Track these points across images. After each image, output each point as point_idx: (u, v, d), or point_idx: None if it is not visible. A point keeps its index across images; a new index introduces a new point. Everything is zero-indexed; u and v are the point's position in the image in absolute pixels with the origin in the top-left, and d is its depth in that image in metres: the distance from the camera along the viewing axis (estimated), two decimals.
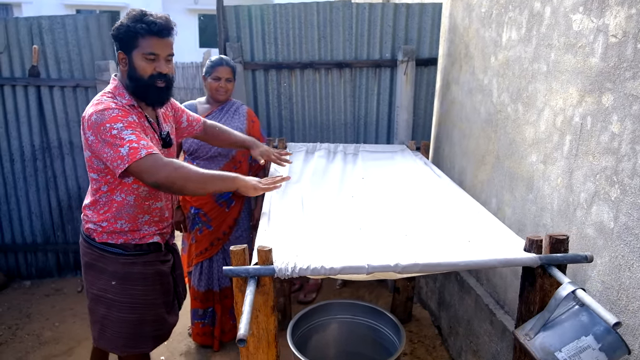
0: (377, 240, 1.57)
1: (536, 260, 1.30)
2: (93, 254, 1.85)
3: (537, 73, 1.97)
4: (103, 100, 1.72)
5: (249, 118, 2.81)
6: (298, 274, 1.25)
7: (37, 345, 2.93)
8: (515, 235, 1.55)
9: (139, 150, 1.60)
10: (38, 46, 3.26)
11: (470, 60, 2.69)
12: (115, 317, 1.88)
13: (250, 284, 1.23)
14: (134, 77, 1.76)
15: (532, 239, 1.34)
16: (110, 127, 1.64)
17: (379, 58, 3.17)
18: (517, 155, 2.15)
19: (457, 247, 1.48)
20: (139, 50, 1.73)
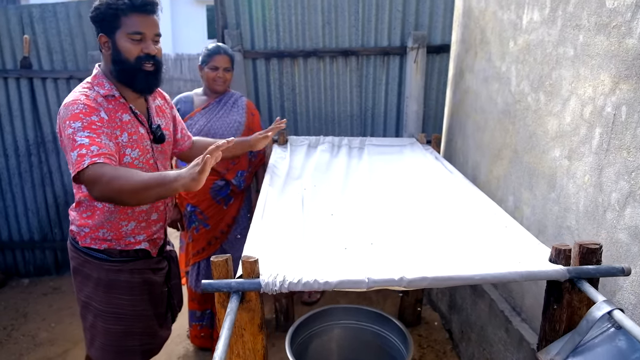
0: (381, 246, 1.40)
1: (564, 274, 1.12)
2: (78, 258, 1.71)
3: (563, 58, 1.77)
4: (77, 92, 1.57)
5: (248, 111, 2.64)
6: (288, 288, 1.09)
7: (31, 347, 2.83)
8: (537, 241, 1.37)
9: (84, 159, 1.39)
10: (29, 36, 3.12)
11: (486, 46, 2.49)
12: (101, 328, 1.74)
13: (232, 300, 1.07)
14: (118, 61, 1.59)
15: (560, 248, 1.16)
16: (68, 125, 1.47)
17: (387, 45, 2.97)
18: (538, 150, 1.96)
19: (472, 256, 1.31)
20: (122, 30, 1.56)
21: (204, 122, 2.49)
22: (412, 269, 1.13)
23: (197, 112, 2.52)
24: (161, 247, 1.87)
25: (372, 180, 2.13)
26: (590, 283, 1.15)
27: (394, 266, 1.22)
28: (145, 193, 1.38)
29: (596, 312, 1.03)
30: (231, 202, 2.65)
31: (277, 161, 2.29)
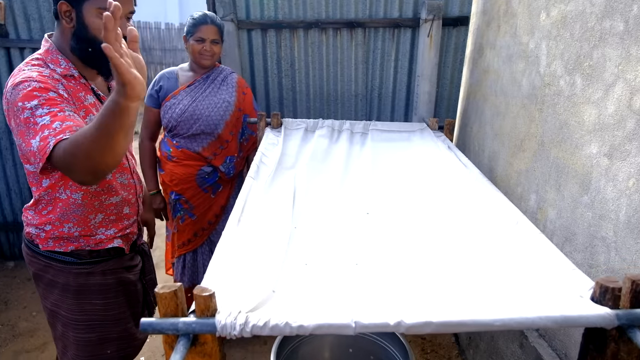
0: (376, 269, 1.14)
1: (612, 320, 0.86)
2: (39, 263, 1.48)
3: (608, 34, 1.46)
4: (25, 69, 1.30)
5: (239, 89, 2.37)
6: (250, 332, 0.84)
7: (10, 338, 2.66)
8: (572, 266, 1.10)
9: (48, 141, 1.14)
10: (4, 2, 2.84)
11: (511, 19, 2.16)
12: (73, 338, 1.54)
13: (179, 343, 0.83)
14: (84, 38, 1.34)
15: (606, 285, 0.89)
16: (22, 107, 1.21)
17: (398, 16, 2.65)
18: (570, 143, 1.66)
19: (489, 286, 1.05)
20: (92, 3, 1.30)
21: (188, 101, 2.22)
22: (412, 308, 0.88)
23: (182, 89, 2.25)
24: (134, 242, 1.66)
25: (373, 175, 1.86)
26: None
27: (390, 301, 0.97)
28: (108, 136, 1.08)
29: None
30: (219, 190, 2.41)
31: (268, 148, 2.02)
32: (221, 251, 1.15)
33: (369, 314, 0.86)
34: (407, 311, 0.87)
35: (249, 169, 1.76)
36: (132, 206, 1.61)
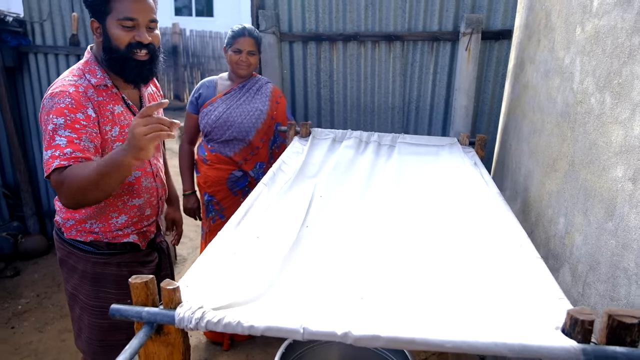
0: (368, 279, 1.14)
1: (578, 355, 0.80)
2: (64, 249, 1.63)
3: (637, 50, 1.36)
4: (67, 80, 1.45)
5: (272, 98, 2.45)
6: (205, 327, 0.88)
7: (57, 318, 2.91)
8: (562, 296, 1.04)
9: (53, 162, 1.29)
10: (77, 14, 3.15)
11: (550, 33, 2.06)
12: (87, 321, 1.67)
13: (140, 333, 0.89)
14: (108, 49, 1.47)
15: (576, 317, 0.83)
16: (51, 119, 1.36)
17: (437, 30, 2.61)
18: (597, 165, 1.56)
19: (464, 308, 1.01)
20: (113, 16, 1.43)
21: (223, 108, 2.34)
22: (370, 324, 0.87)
23: (218, 97, 2.37)
24: (152, 239, 1.77)
25: (394, 188, 1.84)
26: None
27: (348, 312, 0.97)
28: (103, 181, 1.26)
29: None
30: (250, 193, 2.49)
31: (290, 156, 2.07)
32: (210, 251, 1.21)
33: (320, 322, 0.87)
34: (358, 323, 0.86)
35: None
36: (153, 208, 1.72)
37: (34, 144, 3.61)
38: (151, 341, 0.96)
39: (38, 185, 3.71)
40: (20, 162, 3.64)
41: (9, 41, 3.41)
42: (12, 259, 3.59)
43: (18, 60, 3.45)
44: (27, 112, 3.55)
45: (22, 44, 3.43)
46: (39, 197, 3.73)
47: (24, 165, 3.64)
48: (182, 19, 15.00)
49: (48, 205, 3.72)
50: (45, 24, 3.26)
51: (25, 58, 3.42)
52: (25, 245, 3.65)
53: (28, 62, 3.42)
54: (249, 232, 1.36)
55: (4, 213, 3.85)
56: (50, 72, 3.36)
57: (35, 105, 3.49)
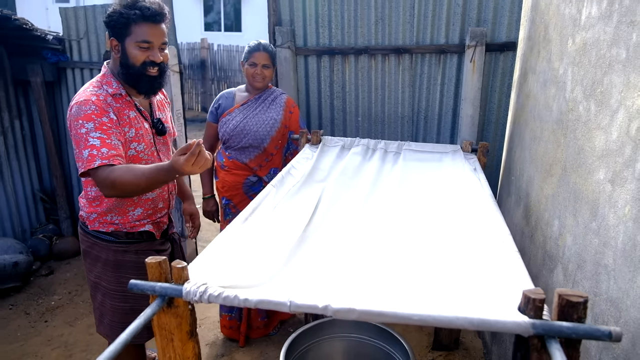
0: (361, 266, 1.27)
1: (527, 328, 0.91)
2: (88, 241, 1.84)
3: (615, 61, 1.46)
4: (88, 91, 1.67)
5: (286, 108, 2.61)
6: (207, 300, 1.03)
7: (86, 313, 3.12)
8: (530, 283, 1.15)
9: (94, 160, 1.54)
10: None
11: (548, 45, 2.16)
12: (109, 306, 1.86)
13: (152, 304, 1.04)
14: (125, 65, 1.70)
15: (529, 295, 0.94)
16: (81, 124, 1.59)
17: (444, 43, 2.73)
18: (584, 169, 1.64)
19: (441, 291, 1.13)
20: (132, 37, 1.66)
21: (240, 118, 2.51)
22: (348, 299, 1.00)
23: (236, 108, 2.55)
24: (165, 230, 1.97)
25: (398, 192, 1.96)
26: (570, 345, 0.92)
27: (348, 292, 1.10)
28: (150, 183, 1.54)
29: None
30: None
31: (300, 161, 2.22)
32: (218, 240, 1.36)
33: (304, 297, 1.00)
34: (337, 298, 0.99)
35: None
36: (165, 201, 1.94)
37: (70, 152, 3.87)
38: (163, 313, 1.11)
39: (72, 191, 3.97)
40: (57, 169, 3.92)
41: (49, 57, 3.71)
42: (47, 259, 3.85)
43: (57, 75, 3.74)
44: (64, 123, 3.83)
45: (61, 60, 3.72)
46: (73, 202, 3.99)
47: (60, 172, 3.92)
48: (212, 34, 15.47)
49: None
50: (82, 41, 3.54)
51: (63, 73, 3.71)
52: (59, 246, 3.91)
53: (66, 76, 3.71)
54: (255, 227, 1.51)
55: (41, 216, 4.13)
56: None
57: None
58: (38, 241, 3.89)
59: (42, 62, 3.67)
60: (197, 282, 1.06)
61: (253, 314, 2.79)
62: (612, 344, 1.36)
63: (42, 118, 3.87)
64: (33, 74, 3.66)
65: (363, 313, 0.96)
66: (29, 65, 3.63)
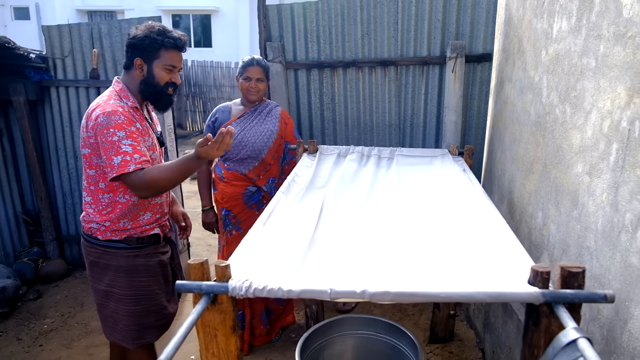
0: (378, 258, 1.41)
1: (538, 297, 1.07)
2: (96, 252, 1.92)
3: (586, 69, 1.67)
4: (111, 102, 1.78)
5: (282, 120, 2.75)
6: (253, 294, 1.14)
7: (82, 334, 3.11)
8: (532, 262, 1.31)
9: (129, 164, 1.69)
10: (98, 50, 3.47)
11: (522, 56, 2.38)
12: (123, 311, 1.95)
13: (201, 301, 1.15)
14: (150, 84, 1.87)
15: (537, 270, 1.11)
16: (113, 132, 1.71)
17: (426, 55, 2.94)
18: (564, 164, 1.85)
19: (458, 273, 1.28)
20: (160, 61, 1.85)
21: (238, 130, 2.63)
22: (377, 284, 1.14)
23: (233, 121, 2.66)
24: (164, 234, 2.09)
25: (396, 193, 2.12)
26: (572, 309, 1.09)
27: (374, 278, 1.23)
28: (180, 174, 1.77)
29: (562, 338, 0.98)
30: (263, 207, 2.74)
31: (301, 169, 2.36)
32: (246, 241, 1.48)
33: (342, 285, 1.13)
34: (372, 284, 1.13)
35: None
36: (167, 205, 2.10)
37: (54, 172, 3.86)
38: (207, 311, 1.21)
39: (57, 212, 3.95)
40: (41, 190, 3.89)
41: (32, 76, 3.72)
42: (34, 283, 3.74)
43: (40, 94, 3.75)
44: (48, 142, 3.82)
45: (45, 79, 3.73)
46: (59, 223, 3.97)
47: (45, 193, 3.89)
48: None
49: (67, 230, 3.96)
50: (67, 59, 3.58)
51: (47, 92, 3.72)
52: (46, 269, 3.83)
53: (50, 95, 3.72)
54: (273, 229, 1.64)
55: (24, 239, 4.07)
56: (70, 103, 3.67)
57: (56, 135, 3.76)
58: (23, 265, 3.81)
59: (25, 81, 3.66)
60: (240, 278, 1.17)
61: (255, 322, 2.88)
62: (598, 315, 1.55)
63: (25, 137, 3.84)
64: (15, 93, 3.64)
65: (397, 295, 1.10)
66: (11, 84, 3.60)
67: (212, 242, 4.71)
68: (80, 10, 17.29)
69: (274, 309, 2.93)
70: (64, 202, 3.90)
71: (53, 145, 3.82)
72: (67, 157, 3.78)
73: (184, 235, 2.37)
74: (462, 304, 3.23)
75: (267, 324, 2.91)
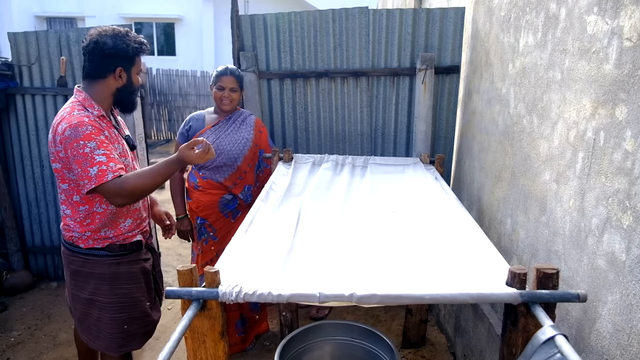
0: (360, 263, 1.44)
1: (516, 297, 1.13)
2: (78, 260, 1.87)
3: (552, 82, 1.77)
4: (75, 114, 1.74)
5: (256, 128, 2.76)
6: (243, 299, 1.15)
7: (51, 347, 3.00)
8: (507, 265, 1.37)
9: (106, 173, 1.67)
10: (66, 57, 3.38)
11: (490, 68, 2.49)
12: (107, 319, 1.91)
13: (191, 307, 1.14)
14: (129, 91, 1.90)
15: (515, 271, 1.16)
16: (83, 144, 1.67)
17: (397, 66, 3.02)
18: (532, 172, 1.94)
19: (438, 276, 1.33)
20: (135, 67, 1.89)
21: (213, 138, 2.62)
22: (364, 287, 1.17)
23: (208, 129, 2.65)
24: (145, 241, 2.06)
25: (371, 199, 2.16)
26: (548, 308, 1.15)
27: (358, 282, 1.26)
28: (160, 176, 1.77)
29: (540, 336, 1.03)
30: (239, 215, 2.75)
31: (278, 178, 2.37)
32: (230, 248, 1.48)
33: (330, 288, 1.16)
34: (359, 287, 1.16)
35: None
36: (146, 210, 2.08)
37: (19, 181, 3.72)
38: (195, 317, 1.21)
39: (22, 222, 3.80)
40: (5, 200, 3.72)
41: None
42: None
43: (5, 102, 3.60)
44: (13, 151, 3.67)
45: (10, 86, 3.60)
46: (23, 234, 3.81)
47: (9, 203, 3.73)
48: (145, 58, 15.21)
49: (32, 241, 3.80)
50: (34, 67, 3.46)
51: (12, 99, 3.58)
52: (10, 281, 3.68)
53: (15, 103, 3.58)
54: (256, 236, 1.64)
55: None
56: (37, 112, 3.54)
57: (21, 144, 3.62)
58: None
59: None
60: (229, 283, 1.18)
61: (230, 330, 2.84)
62: (567, 316, 1.63)
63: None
64: None
65: (383, 297, 1.13)
66: None
67: (182, 251, 4.62)
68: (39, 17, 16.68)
69: (248, 317, 2.91)
70: (29, 212, 3.75)
71: (18, 154, 3.67)
72: (32, 167, 3.63)
73: (169, 234, 2.35)
74: (433, 310, 3.30)
75: (242, 332, 2.88)
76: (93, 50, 1.77)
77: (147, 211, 2.08)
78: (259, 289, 1.15)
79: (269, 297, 1.14)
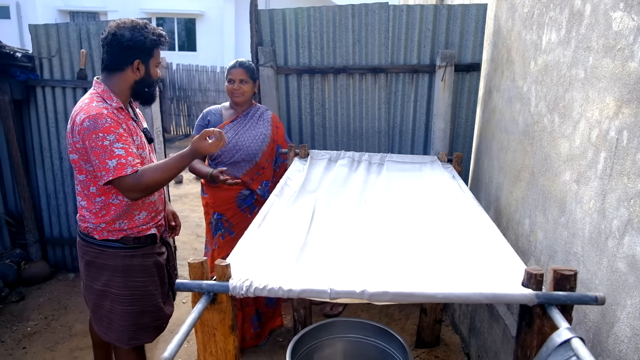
0: (373, 260, 1.43)
1: (532, 299, 1.10)
2: (93, 251, 1.89)
3: (575, 80, 1.72)
4: (93, 105, 1.75)
5: (273, 124, 2.76)
6: (253, 293, 1.15)
7: (67, 337, 3.05)
8: (524, 265, 1.34)
9: (125, 167, 1.69)
10: (86, 50, 3.44)
11: (511, 66, 2.44)
12: (119, 311, 1.93)
13: (201, 300, 1.15)
14: (148, 83, 1.90)
15: (531, 272, 1.14)
16: (102, 137, 1.69)
17: (416, 63, 2.98)
18: (552, 172, 1.90)
19: (453, 275, 1.31)
20: (154, 59, 1.89)
21: (232, 134, 2.63)
22: (376, 284, 1.15)
23: (226, 124, 2.66)
24: (160, 235, 2.07)
25: (386, 198, 2.14)
26: (564, 310, 1.12)
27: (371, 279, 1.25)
28: (174, 169, 1.80)
29: (556, 338, 1.01)
30: (255, 210, 2.75)
31: (293, 173, 2.37)
32: (242, 242, 1.49)
33: (342, 285, 1.15)
34: (371, 284, 1.15)
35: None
36: (162, 204, 2.08)
37: (38, 173, 3.79)
38: (206, 310, 1.21)
39: (41, 213, 3.87)
40: (25, 191, 3.81)
41: (17, 75, 3.66)
42: (16, 285, 3.68)
43: (25, 94, 3.68)
44: (33, 143, 3.75)
45: (31, 78, 3.67)
46: (42, 225, 3.89)
47: (29, 194, 3.82)
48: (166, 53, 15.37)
49: (50, 232, 3.88)
50: (54, 59, 3.53)
51: (32, 91, 3.66)
52: (29, 271, 3.76)
53: (35, 95, 3.66)
54: (269, 231, 1.64)
55: (6, 241, 3.98)
56: (57, 104, 3.61)
57: (41, 136, 3.70)
58: (5, 267, 3.74)
59: (10, 80, 3.61)
60: (240, 277, 1.18)
61: (246, 325, 2.86)
62: (584, 319, 1.59)
63: (10, 138, 3.77)
64: (0, 92, 3.59)
65: (395, 295, 1.12)
66: None
67: (198, 245, 4.66)
68: (62, 11, 17.01)
69: (264, 312, 2.92)
70: (48, 204, 3.83)
71: (38, 146, 3.75)
72: (52, 158, 3.71)
73: (173, 234, 2.36)
74: (447, 310, 3.27)
75: (257, 327, 2.90)
76: (111, 42, 1.78)
77: (163, 204, 2.09)
78: (269, 284, 1.15)
79: (279, 292, 1.14)
